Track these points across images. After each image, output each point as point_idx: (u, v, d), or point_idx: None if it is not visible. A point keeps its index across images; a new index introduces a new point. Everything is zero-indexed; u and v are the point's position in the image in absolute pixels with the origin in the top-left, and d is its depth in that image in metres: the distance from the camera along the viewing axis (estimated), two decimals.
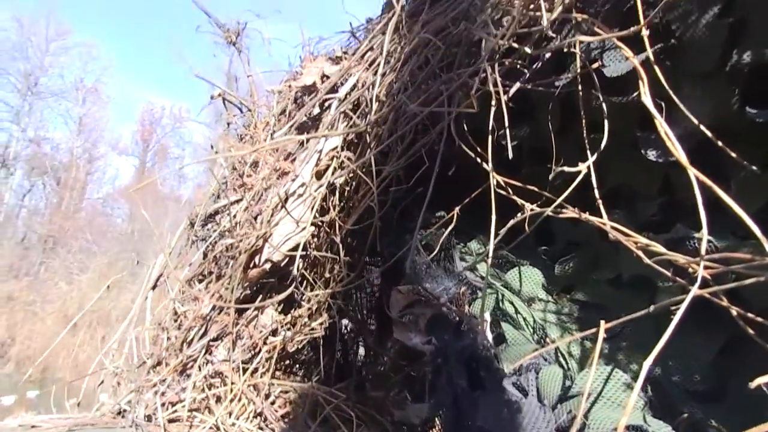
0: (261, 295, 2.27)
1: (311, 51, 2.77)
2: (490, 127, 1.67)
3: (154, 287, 2.59)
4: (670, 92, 1.31)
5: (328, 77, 2.43)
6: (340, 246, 2.21)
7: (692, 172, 1.16)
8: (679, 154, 1.19)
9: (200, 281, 2.48)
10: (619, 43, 1.38)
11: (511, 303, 1.86)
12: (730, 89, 1.39)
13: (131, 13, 57.04)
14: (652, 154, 1.54)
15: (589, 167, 1.53)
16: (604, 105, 1.57)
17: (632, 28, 1.32)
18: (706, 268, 1.16)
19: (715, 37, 1.38)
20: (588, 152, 1.56)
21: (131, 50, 58.78)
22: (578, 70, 1.59)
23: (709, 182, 1.15)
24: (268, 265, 2.19)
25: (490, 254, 1.74)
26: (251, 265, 2.21)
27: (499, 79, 1.65)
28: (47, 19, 34.14)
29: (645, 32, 1.32)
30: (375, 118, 2.05)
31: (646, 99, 1.26)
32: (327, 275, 2.36)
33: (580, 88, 1.61)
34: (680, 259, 1.24)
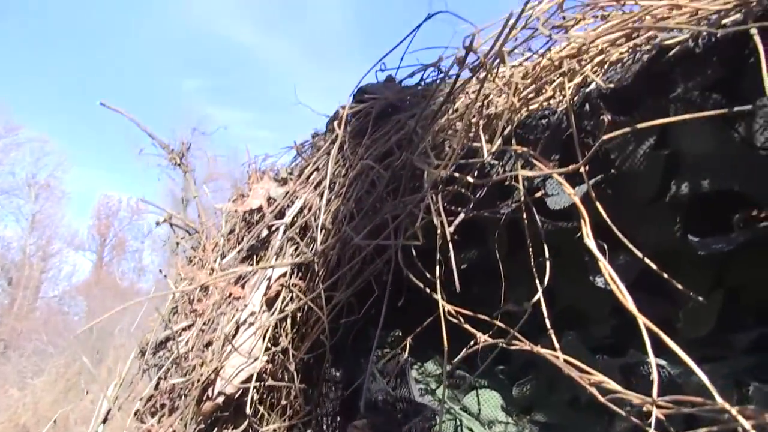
0: (216, 428, 2.19)
1: (258, 167, 2.76)
2: (437, 258, 1.66)
3: (104, 421, 2.50)
4: (613, 228, 1.31)
5: (274, 200, 2.41)
6: (295, 374, 2.16)
7: (641, 320, 1.15)
8: (626, 299, 1.18)
9: (152, 414, 2.39)
10: (560, 179, 1.39)
11: (471, 430, 1.82)
12: (672, 218, 1.40)
13: (86, 107, 57.12)
14: (600, 281, 1.53)
15: (541, 295, 1.52)
16: (549, 228, 1.57)
17: (571, 166, 1.32)
18: (658, 407, 1.16)
19: (653, 167, 1.39)
20: (536, 279, 1.55)
21: (87, 144, 58.59)
22: (522, 199, 1.59)
23: (656, 329, 1.14)
24: (221, 399, 2.12)
25: (446, 382, 1.72)
26: (204, 398, 2.15)
27: (442, 209, 1.65)
28: None
29: (584, 168, 1.32)
30: (322, 249, 2.03)
31: (589, 241, 1.25)
32: (284, 402, 2.29)
33: (525, 216, 1.60)
34: (634, 399, 1.22)
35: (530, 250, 1.60)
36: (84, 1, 57.14)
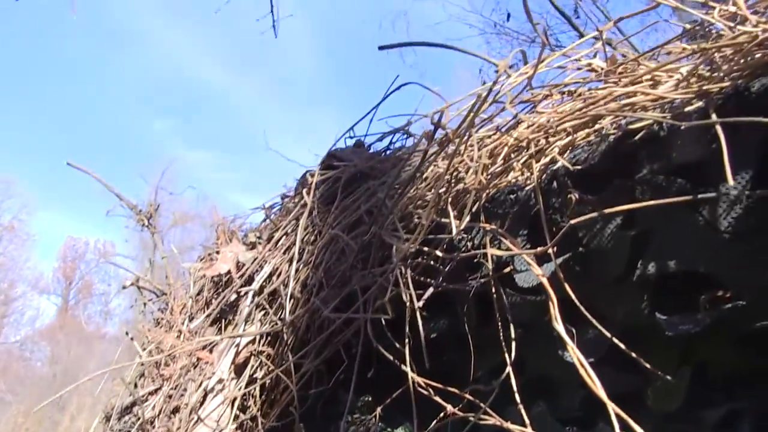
0: None
1: (227, 227, 2.75)
2: (407, 331, 1.66)
3: None
4: (581, 308, 1.32)
5: (243, 264, 2.40)
6: None
7: (611, 407, 1.15)
8: (595, 384, 1.18)
9: None
10: (529, 260, 1.40)
11: None
12: (639, 296, 1.41)
13: (54, 148, 56.49)
14: (568, 357, 1.53)
15: (510, 369, 1.52)
16: (518, 302, 1.58)
17: (540, 249, 1.33)
18: None
19: (620, 247, 1.40)
20: (506, 353, 1.55)
21: (54, 187, 57.83)
22: (490, 273, 1.60)
23: (623, 415, 1.14)
24: None
25: None
26: None
27: (411, 282, 1.65)
28: None
29: (552, 249, 1.33)
30: (291, 319, 2.02)
31: (558, 325, 1.26)
32: None
33: (493, 290, 1.61)
34: None
35: (499, 323, 1.61)
36: (54, 40, 57.08)
